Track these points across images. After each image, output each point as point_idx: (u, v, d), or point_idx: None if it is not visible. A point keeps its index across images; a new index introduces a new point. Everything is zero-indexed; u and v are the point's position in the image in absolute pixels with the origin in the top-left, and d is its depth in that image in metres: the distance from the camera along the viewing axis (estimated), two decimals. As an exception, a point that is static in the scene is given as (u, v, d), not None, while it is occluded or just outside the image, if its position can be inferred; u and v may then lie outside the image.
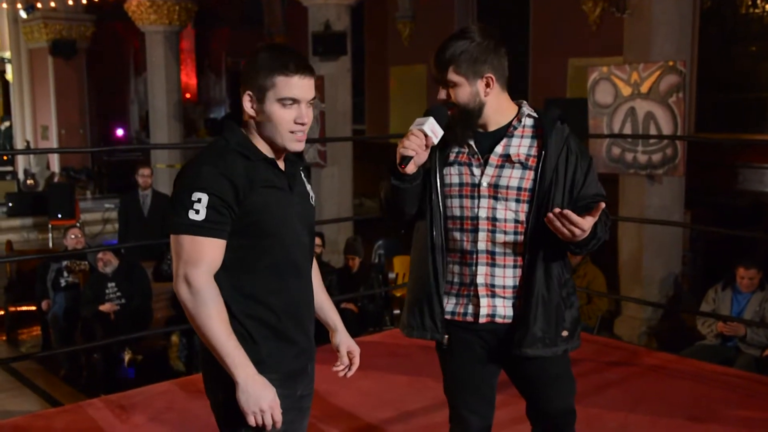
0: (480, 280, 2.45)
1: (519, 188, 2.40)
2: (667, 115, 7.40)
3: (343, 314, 7.53)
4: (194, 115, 19.21)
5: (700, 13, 9.84)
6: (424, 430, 3.69)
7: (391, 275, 9.02)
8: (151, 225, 8.76)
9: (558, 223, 2.25)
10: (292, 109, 2.10)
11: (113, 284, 7.30)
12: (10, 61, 17.54)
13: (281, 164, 2.17)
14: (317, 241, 7.78)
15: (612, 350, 4.90)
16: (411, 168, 2.37)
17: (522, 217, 2.41)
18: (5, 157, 14.78)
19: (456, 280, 2.50)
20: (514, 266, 2.44)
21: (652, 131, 7.47)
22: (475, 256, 2.45)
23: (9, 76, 17.88)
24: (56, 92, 16.28)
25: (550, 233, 2.30)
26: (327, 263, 8.12)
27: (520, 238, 2.42)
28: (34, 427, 3.73)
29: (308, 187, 2.28)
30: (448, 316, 2.51)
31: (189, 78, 19.53)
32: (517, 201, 2.40)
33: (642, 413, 3.87)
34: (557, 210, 2.25)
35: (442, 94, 2.43)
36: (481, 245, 2.44)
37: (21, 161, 16.05)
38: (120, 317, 7.15)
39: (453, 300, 2.51)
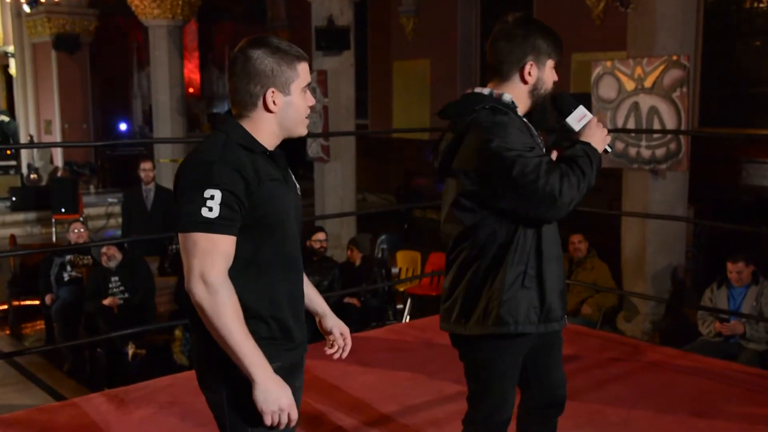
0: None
1: None
2: (670, 109, 7.38)
3: (346, 309, 7.60)
4: (197, 109, 19.22)
5: (704, 8, 9.82)
6: (427, 424, 3.69)
7: (394, 270, 9.03)
8: (155, 219, 8.76)
9: None
10: (307, 94, 2.17)
11: (116, 278, 7.31)
12: (13, 55, 17.55)
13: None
14: (321, 236, 7.81)
15: (614, 345, 4.90)
16: None
17: None
18: (8, 152, 14.77)
19: None
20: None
21: (656, 126, 7.46)
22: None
23: (12, 70, 17.89)
24: (59, 87, 16.28)
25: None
26: (330, 258, 8.12)
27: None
28: (37, 421, 3.74)
29: (293, 177, 2.28)
30: None
31: (192, 72, 19.53)
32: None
33: (644, 408, 3.87)
34: None
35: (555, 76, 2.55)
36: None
37: (24, 156, 16.05)
38: (123, 311, 7.16)
39: None
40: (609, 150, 2.50)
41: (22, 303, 8.71)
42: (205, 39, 20.00)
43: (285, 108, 2.13)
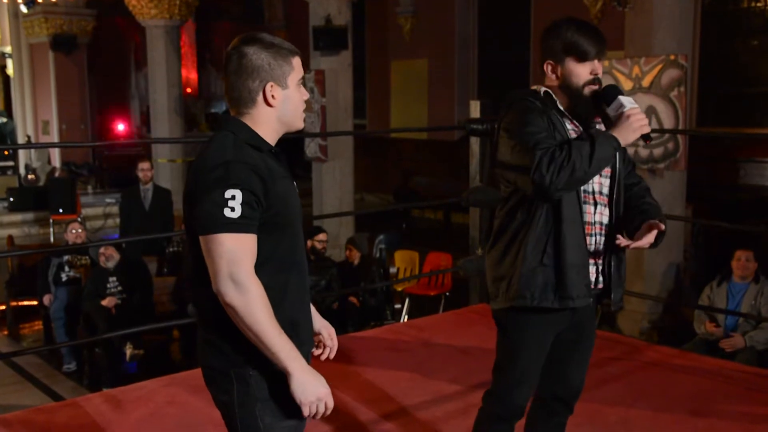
0: (594, 248, 2.68)
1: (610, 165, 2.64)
2: (668, 109, 7.39)
3: (345, 308, 7.59)
4: (195, 109, 19.21)
5: (701, 7, 9.83)
6: (426, 424, 3.69)
7: (393, 270, 9.03)
8: (153, 219, 8.75)
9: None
10: (302, 87, 2.19)
11: (114, 279, 7.31)
12: (10, 55, 17.53)
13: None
14: (323, 237, 7.82)
15: (613, 344, 4.90)
16: None
17: (606, 190, 2.68)
18: (6, 152, 14.75)
19: (588, 251, 2.67)
20: (606, 235, 2.70)
21: (654, 125, 7.46)
22: (594, 228, 2.68)
23: (10, 71, 17.87)
24: (57, 87, 16.26)
25: (621, 205, 2.70)
26: (328, 257, 8.12)
27: (607, 210, 2.69)
28: (36, 421, 3.73)
29: None
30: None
31: (190, 72, 19.52)
32: (606, 177, 2.67)
33: (643, 407, 3.87)
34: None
35: (598, 69, 2.62)
36: (597, 217, 2.67)
37: (22, 156, 16.03)
38: (121, 312, 7.16)
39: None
40: (644, 142, 2.60)
41: (20, 303, 8.70)
42: (203, 39, 19.99)
43: (284, 102, 2.14)
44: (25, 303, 8.64)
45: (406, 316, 8.25)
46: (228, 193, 1.98)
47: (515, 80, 12.25)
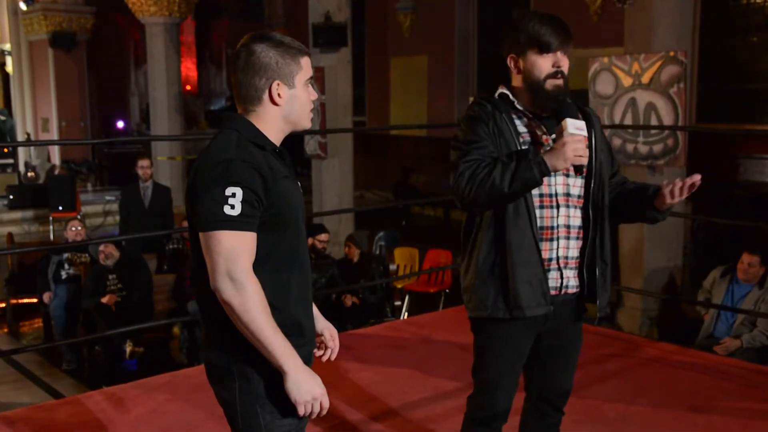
0: (561, 253, 2.57)
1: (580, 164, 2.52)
2: (668, 105, 7.39)
3: (345, 305, 7.57)
4: (195, 107, 19.18)
5: (701, 4, 9.81)
6: (425, 421, 3.70)
7: (392, 267, 9.03)
8: (152, 217, 8.76)
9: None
10: (310, 87, 2.18)
11: (114, 276, 7.31)
12: (10, 53, 17.51)
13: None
14: (325, 237, 7.82)
15: (613, 341, 4.90)
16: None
17: (582, 192, 2.58)
18: (5, 150, 14.75)
19: (545, 256, 2.56)
20: (577, 238, 2.60)
21: (653, 122, 7.46)
22: (556, 231, 2.56)
23: (9, 68, 17.86)
24: (56, 84, 16.25)
25: (604, 206, 2.59)
26: (328, 255, 8.12)
27: (582, 212, 2.59)
28: (36, 419, 3.74)
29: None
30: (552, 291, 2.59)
31: (189, 70, 19.51)
32: (580, 177, 2.56)
33: (642, 404, 3.88)
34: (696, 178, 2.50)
35: (561, 62, 2.52)
36: (561, 220, 2.56)
37: (22, 154, 16.03)
38: (121, 309, 7.16)
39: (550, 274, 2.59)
40: (574, 174, 2.51)
41: (20, 301, 8.71)
42: (203, 36, 19.97)
43: (290, 101, 2.14)
44: (25, 301, 8.65)
45: (406, 313, 8.25)
46: (228, 191, 1.98)
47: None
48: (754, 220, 7.55)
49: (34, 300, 8.33)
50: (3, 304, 8.77)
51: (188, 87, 19.02)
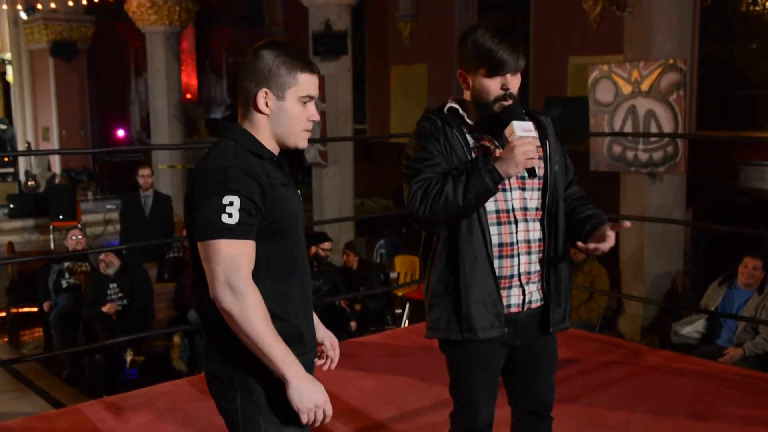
0: (522, 269, 2.51)
1: (538, 178, 2.50)
2: (667, 113, 7.39)
3: (344, 312, 7.58)
4: (195, 115, 19.20)
5: (700, 11, 9.83)
6: (426, 429, 3.69)
7: (393, 275, 9.02)
8: (153, 226, 8.76)
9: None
10: (307, 106, 2.14)
11: (115, 285, 7.31)
12: (10, 62, 17.53)
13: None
14: (328, 246, 7.82)
15: (613, 348, 4.90)
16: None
17: (539, 204, 2.53)
18: (6, 159, 14.77)
19: (506, 273, 2.51)
20: (538, 252, 2.54)
21: (653, 129, 7.46)
22: (516, 248, 2.50)
23: (9, 77, 17.87)
24: (57, 93, 16.26)
25: (559, 218, 2.54)
26: (330, 263, 8.13)
27: (540, 224, 2.53)
28: (36, 429, 3.73)
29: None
30: (505, 310, 2.53)
31: (190, 78, 19.52)
32: (537, 189, 2.52)
33: (644, 411, 3.87)
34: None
35: (510, 84, 2.45)
36: (520, 236, 2.50)
37: (22, 163, 16.04)
38: (121, 318, 7.15)
39: (505, 292, 2.53)
40: (529, 176, 2.45)
41: (20, 310, 8.70)
42: (203, 44, 20.00)
43: (277, 113, 2.12)
44: (26, 310, 8.65)
45: (407, 321, 8.24)
46: (226, 199, 1.98)
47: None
48: (754, 226, 7.56)
49: (35, 309, 8.33)
50: (3, 314, 8.76)
51: (189, 95, 19.04)
